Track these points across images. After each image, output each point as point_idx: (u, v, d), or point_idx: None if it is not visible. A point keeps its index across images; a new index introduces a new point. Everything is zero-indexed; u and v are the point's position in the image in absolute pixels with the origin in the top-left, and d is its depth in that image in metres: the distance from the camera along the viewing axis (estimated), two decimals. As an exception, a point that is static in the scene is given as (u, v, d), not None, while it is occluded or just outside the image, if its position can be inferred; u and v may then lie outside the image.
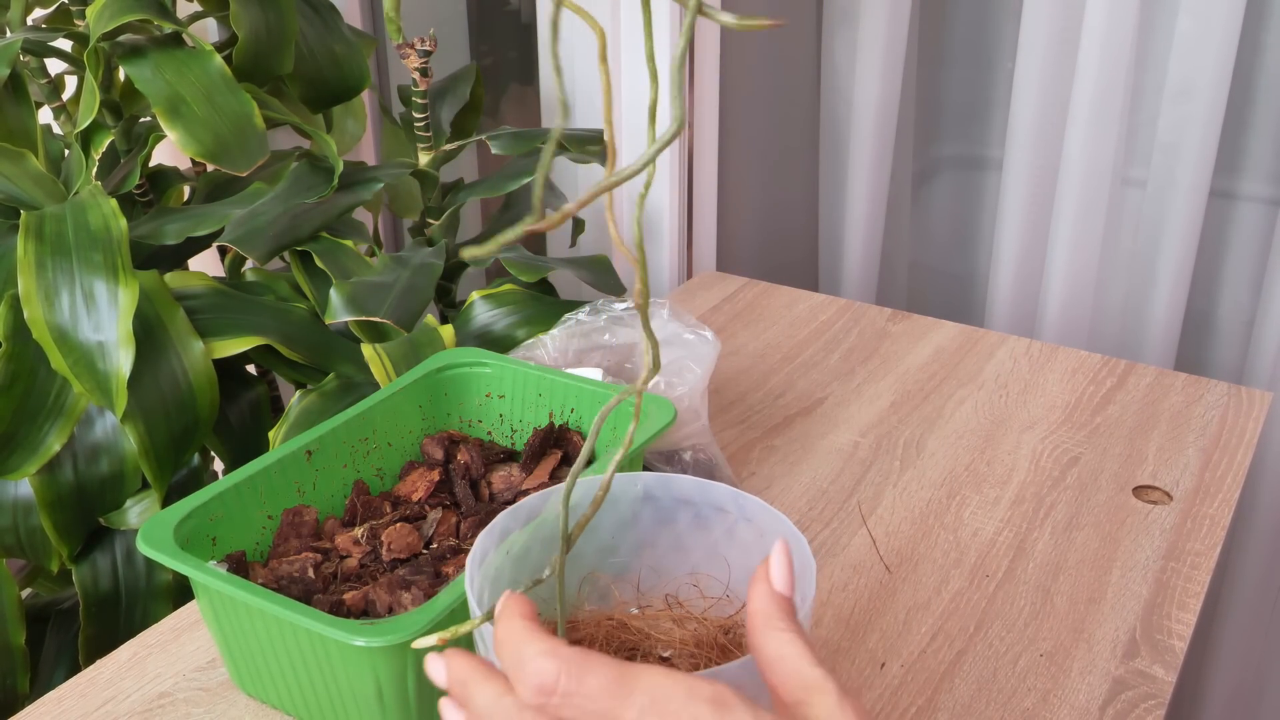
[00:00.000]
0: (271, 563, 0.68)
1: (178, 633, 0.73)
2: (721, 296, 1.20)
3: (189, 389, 0.92)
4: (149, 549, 0.62)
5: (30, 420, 0.89)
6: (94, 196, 0.92)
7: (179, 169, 1.17)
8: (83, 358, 0.86)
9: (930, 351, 1.07)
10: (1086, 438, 0.93)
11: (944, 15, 1.37)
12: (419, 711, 0.61)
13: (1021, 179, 1.24)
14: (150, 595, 0.96)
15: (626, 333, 0.90)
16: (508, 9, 1.64)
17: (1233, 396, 0.98)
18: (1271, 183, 1.23)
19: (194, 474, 0.98)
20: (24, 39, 0.98)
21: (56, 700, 0.68)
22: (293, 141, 1.33)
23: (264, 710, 0.66)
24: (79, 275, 0.87)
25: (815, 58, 1.39)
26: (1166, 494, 0.85)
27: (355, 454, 0.76)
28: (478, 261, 0.96)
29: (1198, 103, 1.13)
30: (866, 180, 1.36)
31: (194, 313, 0.95)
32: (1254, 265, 1.25)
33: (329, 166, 1.03)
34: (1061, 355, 1.06)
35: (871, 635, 0.72)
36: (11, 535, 0.93)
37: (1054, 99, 1.19)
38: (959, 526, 0.82)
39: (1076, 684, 0.68)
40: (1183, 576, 0.77)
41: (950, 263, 1.46)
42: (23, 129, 1.03)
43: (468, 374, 0.83)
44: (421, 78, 1.06)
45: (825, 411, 0.98)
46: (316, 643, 0.59)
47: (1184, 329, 1.25)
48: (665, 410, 0.75)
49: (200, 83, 0.96)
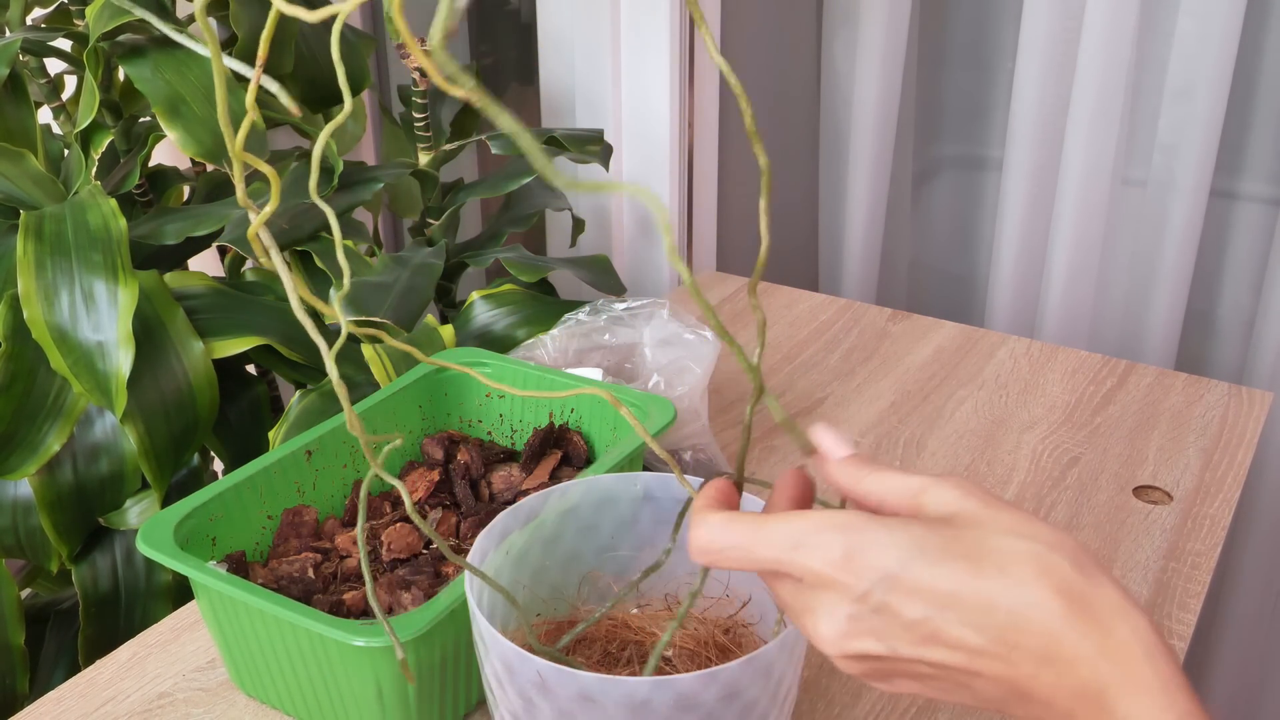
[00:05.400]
0: (271, 563, 0.68)
1: (178, 633, 0.73)
2: (721, 296, 1.20)
3: (189, 389, 0.92)
4: (149, 549, 0.62)
5: (30, 420, 0.89)
6: (94, 196, 0.92)
7: (179, 169, 1.17)
8: (82, 358, 0.86)
9: (930, 351, 1.07)
10: (1087, 438, 0.93)
11: (944, 15, 1.37)
12: (419, 711, 0.61)
13: (1021, 179, 1.24)
14: (150, 595, 0.96)
15: (626, 333, 0.90)
16: (508, 9, 1.64)
17: (1233, 396, 0.98)
18: (1271, 183, 1.23)
19: (194, 474, 0.98)
20: (23, 39, 0.98)
21: (56, 700, 0.68)
22: (293, 141, 1.33)
23: (264, 710, 0.66)
24: (79, 275, 0.87)
25: (815, 58, 1.39)
26: (1167, 494, 0.85)
27: (355, 454, 0.76)
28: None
29: (1198, 103, 1.13)
30: (866, 180, 1.36)
31: (194, 313, 0.95)
32: (1254, 265, 1.25)
33: (329, 166, 1.03)
34: (1061, 355, 1.06)
35: (872, 635, 0.72)
36: (11, 535, 0.93)
37: (1054, 99, 1.19)
38: (959, 526, 0.82)
39: (1077, 684, 0.68)
40: (1183, 576, 0.77)
41: (950, 263, 1.46)
42: (22, 129, 1.03)
43: (468, 374, 0.83)
44: (421, 78, 1.06)
45: (825, 411, 0.98)
46: (316, 643, 0.59)
47: (1184, 329, 1.25)
48: (665, 410, 0.75)
49: (200, 83, 0.96)
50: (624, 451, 0.70)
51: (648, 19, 1.18)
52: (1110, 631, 0.39)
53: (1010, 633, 0.39)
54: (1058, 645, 0.39)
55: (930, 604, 0.40)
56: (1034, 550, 0.40)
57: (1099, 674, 0.39)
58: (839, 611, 0.41)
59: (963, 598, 0.40)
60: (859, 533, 0.41)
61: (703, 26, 0.38)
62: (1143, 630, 0.39)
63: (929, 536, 0.41)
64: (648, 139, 1.24)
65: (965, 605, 0.40)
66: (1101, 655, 0.39)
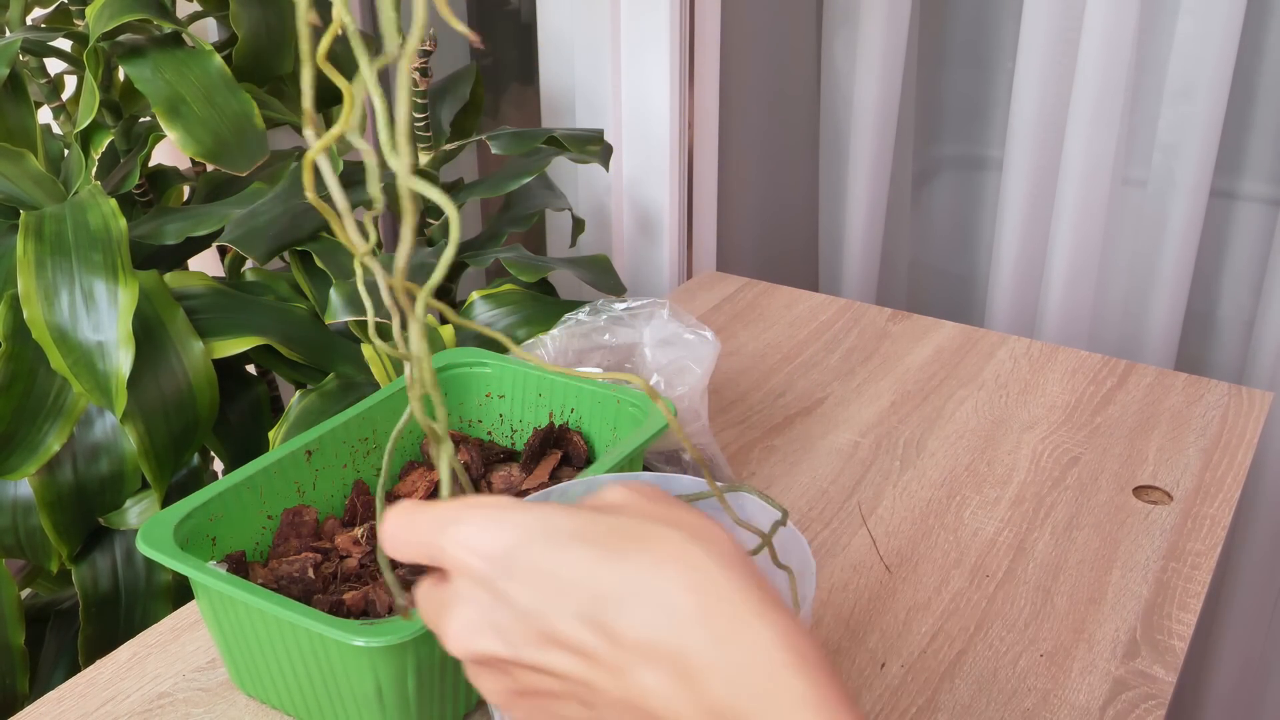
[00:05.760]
0: (271, 563, 0.68)
1: (178, 633, 0.73)
2: (721, 296, 1.20)
3: (189, 389, 0.92)
4: (149, 549, 0.62)
5: (30, 420, 0.89)
6: (94, 196, 0.92)
7: (179, 169, 1.17)
8: (82, 358, 0.86)
9: (930, 351, 1.07)
10: (1087, 438, 0.93)
11: (944, 15, 1.37)
12: (419, 711, 0.61)
13: (1021, 179, 1.24)
14: (150, 595, 0.96)
15: (626, 333, 0.90)
16: (508, 9, 1.64)
17: (1233, 396, 0.98)
18: (1271, 183, 1.23)
19: (194, 474, 0.98)
20: (23, 39, 0.98)
21: (56, 700, 0.68)
22: (293, 141, 1.33)
23: (264, 710, 0.66)
24: (79, 275, 0.87)
25: (815, 58, 1.39)
26: (1167, 494, 0.85)
27: (355, 454, 0.76)
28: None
29: (1198, 103, 1.13)
30: (866, 180, 1.36)
31: (194, 313, 0.95)
32: (1254, 265, 1.25)
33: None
34: (1061, 355, 1.06)
35: (871, 635, 0.72)
36: (11, 535, 0.93)
37: (1054, 99, 1.19)
38: (959, 526, 0.82)
39: (1077, 684, 0.68)
40: (1183, 577, 0.77)
41: (950, 263, 1.46)
42: (22, 129, 1.03)
43: (468, 374, 0.83)
44: (421, 78, 1.06)
45: (825, 411, 0.98)
46: (316, 643, 0.59)
47: (1184, 329, 1.25)
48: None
49: (200, 83, 0.96)
50: (624, 451, 0.70)
51: (648, 19, 1.18)
52: (752, 642, 0.32)
53: (628, 632, 0.33)
54: (684, 654, 0.32)
55: (545, 592, 0.33)
56: (674, 537, 0.34)
57: (734, 692, 0.32)
58: (466, 602, 0.35)
59: (580, 587, 0.33)
60: (496, 509, 0.36)
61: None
62: (791, 636, 0.32)
63: (564, 518, 0.35)
64: (648, 139, 1.24)
65: (582, 596, 0.33)
66: (738, 669, 0.32)
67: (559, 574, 0.34)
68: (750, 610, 0.32)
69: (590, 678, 0.33)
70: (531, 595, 0.34)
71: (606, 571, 0.33)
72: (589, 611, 0.33)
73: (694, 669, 0.32)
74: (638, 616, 0.33)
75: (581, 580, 0.33)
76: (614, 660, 0.33)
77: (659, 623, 0.32)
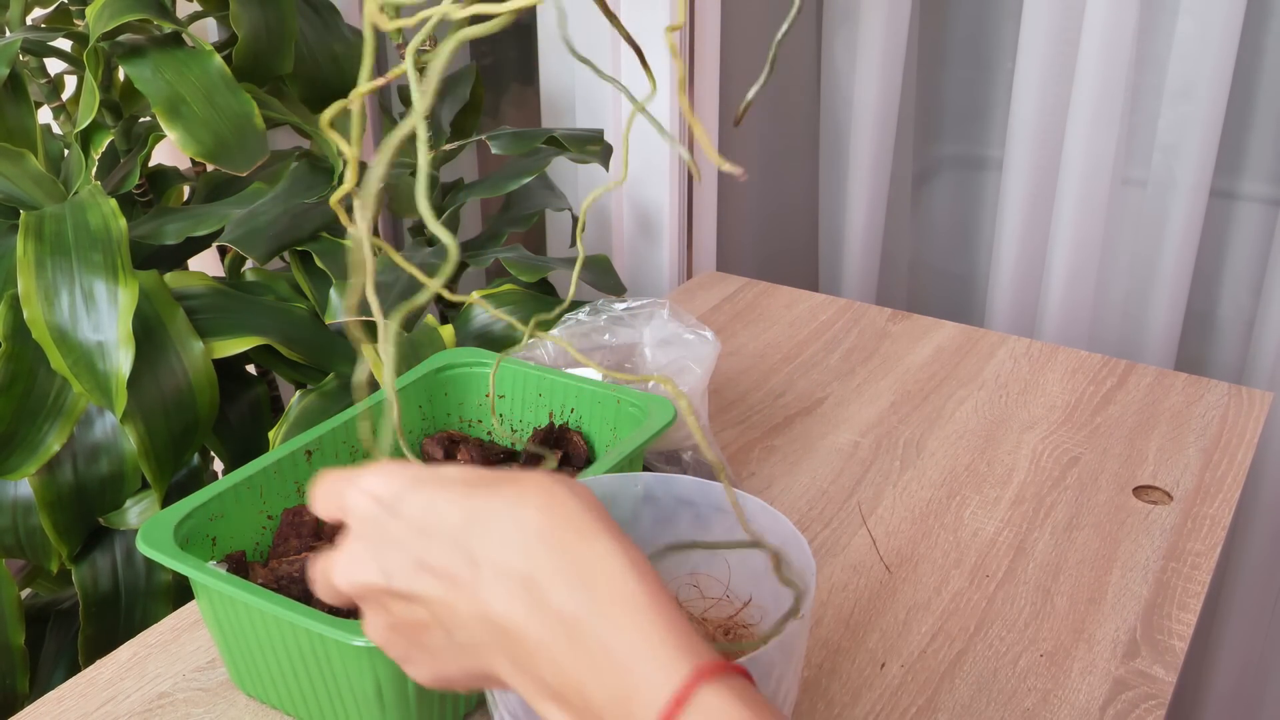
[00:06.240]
0: (271, 563, 0.68)
1: (178, 633, 0.73)
2: (721, 296, 1.20)
3: (189, 389, 0.92)
4: (149, 549, 0.62)
5: (30, 420, 0.89)
6: (94, 196, 0.92)
7: (179, 169, 1.17)
8: (82, 358, 0.86)
9: (930, 351, 1.07)
10: (1087, 438, 0.93)
11: (944, 15, 1.37)
12: (419, 711, 0.61)
13: (1021, 179, 1.24)
14: (150, 595, 0.96)
15: (627, 333, 0.90)
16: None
17: (1233, 396, 0.98)
18: (1271, 183, 1.23)
19: (194, 474, 0.98)
20: (24, 39, 0.98)
21: (56, 700, 0.68)
22: (293, 141, 1.33)
23: (264, 710, 0.66)
24: (79, 275, 0.87)
25: (815, 58, 1.39)
26: (1167, 494, 0.85)
27: (355, 454, 0.76)
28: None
29: (1198, 103, 1.13)
30: (866, 180, 1.36)
31: (194, 313, 0.95)
32: (1254, 265, 1.25)
33: (329, 166, 1.03)
34: (1061, 355, 1.06)
35: (871, 635, 0.72)
36: (11, 535, 0.93)
37: (1054, 99, 1.19)
38: (959, 526, 0.82)
39: (1077, 684, 0.68)
40: (1183, 577, 0.77)
41: (950, 263, 1.46)
42: (22, 129, 1.03)
43: (468, 374, 0.83)
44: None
45: (825, 411, 0.98)
46: (316, 643, 0.59)
47: (1184, 329, 1.25)
48: (665, 410, 0.75)
49: (200, 83, 0.96)
50: (624, 451, 0.70)
51: (648, 19, 1.18)
52: (592, 553, 0.36)
53: (488, 552, 0.37)
54: (531, 567, 0.36)
55: (424, 524, 0.38)
56: (541, 478, 0.39)
57: (574, 597, 0.36)
58: (356, 539, 0.40)
59: (453, 516, 0.38)
60: (398, 465, 0.41)
61: (695, 123, 0.38)
62: (627, 550, 0.36)
63: (453, 469, 0.40)
64: (648, 139, 1.24)
65: (454, 523, 0.38)
66: (579, 576, 0.36)
67: (438, 507, 0.38)
68: (592, 530, 0.37)
69: (451, 598, 0.37)
70: (411, 528, 0.38)
71: (477, 503, 0.38)
72: (458, 537, 0.38)
73: (538, 581, 0.36)
74: (495, 537, 0.37)
75: (455, 511, 0.38)
76: (472, 579, 0.37)
77: (512, 540, 0.37)
